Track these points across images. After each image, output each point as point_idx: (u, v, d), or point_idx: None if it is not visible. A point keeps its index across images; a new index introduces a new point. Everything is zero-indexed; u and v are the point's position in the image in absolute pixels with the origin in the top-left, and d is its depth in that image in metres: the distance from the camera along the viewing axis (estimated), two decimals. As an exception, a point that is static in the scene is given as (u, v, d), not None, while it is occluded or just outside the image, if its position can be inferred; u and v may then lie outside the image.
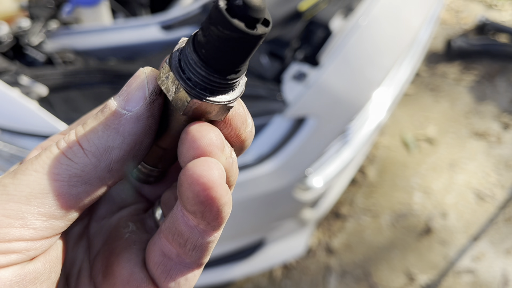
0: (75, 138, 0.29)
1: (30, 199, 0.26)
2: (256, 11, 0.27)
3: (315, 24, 1.46)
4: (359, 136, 1.78)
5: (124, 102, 0.29)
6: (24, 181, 0.26)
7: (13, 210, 0.26)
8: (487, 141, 2.89)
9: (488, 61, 3.33)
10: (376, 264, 2.36)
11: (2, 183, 0.27)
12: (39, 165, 0.27)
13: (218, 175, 0.28)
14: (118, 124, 0.28)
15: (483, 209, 2.58)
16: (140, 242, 0.36)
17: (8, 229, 0.25)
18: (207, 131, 0.30)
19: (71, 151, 0.28)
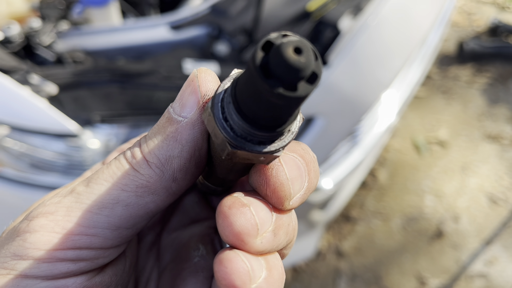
0: (139, 149, 0.29)
1: (101, 209, 0.27)
2: (298, 71, 0.22)
3: (323, 24, 1.46)
4: (369, 137, 1.76)
5: (180, 108, 0.29)
6: (96, 190, 0.27)
7: (85, 219, 0.26)
8: (500, 144, 2.85)
9: (501, 64, 3.29)
10: (386, 267, 2.33)
11: (77, 190, 0.27)
12: (109, 175, 0.28)
13: (241, 278, 0.28)
14: (176, 132, 0.28)
15: (496, 212, 2.53)
16: (207, 270, 0.36)
17: (79, 237, 0.26)
18: (238, 214, 0.28)
19: (136, 163, 0.28)
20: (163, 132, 0.29)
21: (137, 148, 0.29)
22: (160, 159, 0.28)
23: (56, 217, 0.26)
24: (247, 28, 1.36)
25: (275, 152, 0.28)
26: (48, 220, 0.26)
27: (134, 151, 0.29)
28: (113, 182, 0.28)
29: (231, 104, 0.27)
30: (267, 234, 0.29)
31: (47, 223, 0.26)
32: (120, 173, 0.28)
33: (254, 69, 0.23)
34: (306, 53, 0.23)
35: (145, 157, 0.28)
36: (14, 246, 0.25)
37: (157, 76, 1.15)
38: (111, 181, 0.27)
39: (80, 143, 1.06)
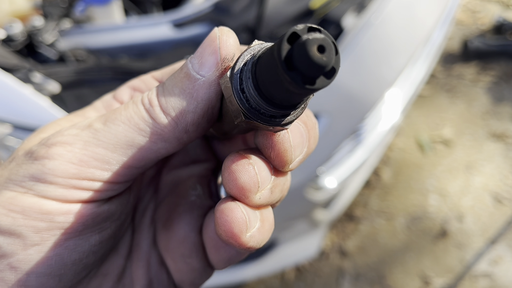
0: (157, 98, 0.30)
1: (117, 147, 0.29)
2: (320, 68, 0.24)
3: (327, 22, 1.45)
4: (373, 136, 1.75)
5: (198, 66, 0.30)
6: (113, 130, 0.29)
7: (101, 154, 0.28)
8: (504, 142, 2.83)
9: (506, 62, 3.27)
10: (390, 267, 2.32)
11: (94, 127, 0.29)
12: (127, 117, 0.30)
13: (239, 226, 0.31)
14: (193, 89, 0.30)
15: (500, 212, 2.52)
16: (202, 208, 0.40)
17: (94, 170, 0.29)
18: (243, 171, 0.31)
19: (153, 111, 0.30)
20: (180, 86, 0.30)
21: (154, 97, 0.31)
22: (176, 112, 0.30)
23: (74, 148, 0.28)
24: (250, 25, 1.35)
25: (285, 125, 0.30)
26: (66, 150, 0.28)
27: (151, 98, 0.30)
28: (130, 125, 0.29)
29: (250, 79, 0.28)
30: (265, 191, 0.32)
31: (65, 153, 0.28)
32: (137, 118, 0.30)
33: (279, 60, 0.24)
34: (328, 52, 0.24)
35: (162, 107, 0.30)
36: (33, 169, 0.28)
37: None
38: (128, 124, 0.29)
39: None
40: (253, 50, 0.29)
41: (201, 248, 0.39)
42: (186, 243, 0.38)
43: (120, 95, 0.37)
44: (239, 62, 0.29)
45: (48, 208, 0.28)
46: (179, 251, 0.38)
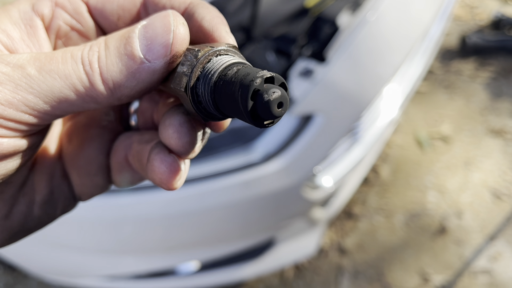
0: (98, 64, 0.30)
1: (48, 99, 0.29)
2: (278, 117, 0.29)
3: (322, 20, 1.44)
4: (370, 134, 1.75)
5: (146, 49, 0.30)
6: (49, 82, 0.28)
7: (32, 102, 0.28)
8: (503, 138, 2.82)
9: (504, 57, 3.25)
10: (389, 264, 2.32)
11: (27, 71, 0.28)
12: (64, 74, 0.29)
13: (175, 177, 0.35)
14: (135, 70, 0.30)
15: (499, 208, 2.51)
16: (113, 133, 0.43)
17: (22, 114, 0.28)
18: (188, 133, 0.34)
19: (93, 76, 0.29)
20: (124, 62, 0.30)
21: (95, 60, 0.30)
22: (115, 84, 0.30)
23: (4, 89, 0.27)
24: (244, 25, 1.34)
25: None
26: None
27: (92, 61, 0.30)
28: (66, 83, 0.29)
29: (210, 101, 0.31)
30: (199, 148, 0.36)
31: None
32: (75, 78, 0.29)
33: (245, 112, 0.28)
34: (285, 105, 0.29)
35: (102, 75, 0.30)
36: None
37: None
38: (64, 80, 0.29)
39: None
40: (212, 66, 0.31)
41: (107, 169, 0.42)
42: (94, 164, 0.41)
43: (41, 7, 0.34)
44: (197, 75, 0.31)
45: None
46: (85, 169, 0.41)
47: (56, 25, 0.35)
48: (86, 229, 1.29)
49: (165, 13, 0.31)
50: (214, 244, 1.62)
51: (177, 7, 0.35)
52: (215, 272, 1.81)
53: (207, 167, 1.27)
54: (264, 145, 1.30)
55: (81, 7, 0.35)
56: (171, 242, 1.49)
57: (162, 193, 1.21)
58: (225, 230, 1.54)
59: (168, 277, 1.73)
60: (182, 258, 1.65)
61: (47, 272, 1.68)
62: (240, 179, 1.28)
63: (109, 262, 1.55)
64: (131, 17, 0.36)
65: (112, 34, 0.31)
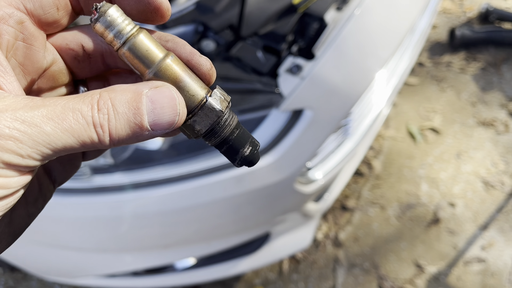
0: (108, 126, 0.33)
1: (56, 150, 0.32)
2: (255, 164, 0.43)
3: (309, 17, 1.47)
4: (360, 127, 1.78)
5: (153, 123, 0.34)
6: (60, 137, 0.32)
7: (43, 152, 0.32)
8: (494, 129, 2.86)
9: (494, 49, 3.29)
10: (384, 256, 2.35)
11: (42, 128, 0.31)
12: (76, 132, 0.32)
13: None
14: (140, 135, 0.34)
15: (492, 197, 2.55)
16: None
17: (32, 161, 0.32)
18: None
19: (103, 137, 0.33)
20: (131, 126, 0.34)
21: (106, 123, 0.33)
22: (119, 141, 0.34)
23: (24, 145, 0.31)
24: (233, 24, 1.37)
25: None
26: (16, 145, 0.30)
27: (103, 124, 0.33)
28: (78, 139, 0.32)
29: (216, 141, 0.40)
30: None
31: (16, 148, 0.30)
32: (86, 136, 0.33)
33: (237, 165, 0.42)
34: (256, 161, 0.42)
35: (111, 135, 0.34)
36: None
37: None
38: (76, 137, 0.32)
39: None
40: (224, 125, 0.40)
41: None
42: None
43: None
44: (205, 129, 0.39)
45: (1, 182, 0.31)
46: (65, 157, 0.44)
47: (5, 42, 0.35)
48: (84, 229, 1.31)
49: (171, 96, 0.36)
50: (211, 240, 1.65)
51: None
52: (212, 267, 1.83)
53: (200, 164, 1.29)
54: (255, 140, 1.33)
55: (22, 16, 0.36)
56: (168, 239, 1.51)
57: (157, 190, 1.24)
58: (221, 226, 1.56)
59: (166, 273, 1.76)
60: (180, 254, 1.68)
61: (47, 272, 1.71)
62: (233, 174, 1.30)
63: (107, 261, 1.57)
64: (65, 3, 0.37)
65: (117, 95, 0.34)
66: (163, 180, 1.24)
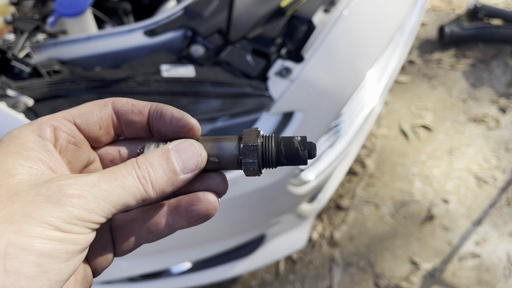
0: (150, 179, 0.42)
1: (116, 205, 0.40)
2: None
3: (298, 19, 1.47)
4: (352, 127, 1.79)
5: (183, 167, 0.43)
6: (115, 192, 0.40)
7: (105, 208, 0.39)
8: (485, 125, 2.88)
9: (484, 45, 3.32)
10: (380, 254, 2.37)
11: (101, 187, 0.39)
12: (127, 186, 0.40)
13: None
14: (175, 180, 0.43)
15: (485, 193, 2.57)
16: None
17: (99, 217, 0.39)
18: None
19: (147, 188, 0.41)
20: (168, 176, 0.42)
21: (147, 174, 0.42)
22: (161, 190, 0.42)
23: (88, 202, 0.38)
24: (221, 28, 1.37)
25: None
26: (83, 202, 0.38)
27: (145, 175, 0.41)
28: (128, 192, 0.40)
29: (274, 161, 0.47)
30: None
31: (83, 204, 0.38)
32: (135, 189, 0.40)
33: (306, 163, 0.46)
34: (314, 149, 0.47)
35: (153, 187, 0.42)
36: (59, 211, 0.37)
37: (134, 81, 1.17)
38: (127, 190, 0.40)
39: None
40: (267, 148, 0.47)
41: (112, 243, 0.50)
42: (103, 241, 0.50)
43: (45, 134, 0.44)
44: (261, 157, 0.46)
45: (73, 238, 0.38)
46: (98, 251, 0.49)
47: (60, 144, 0.45)
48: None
49: (191, 142, 0.45)
50: (206, 244, 1.65)
51: (143, 111, 0.47)
52: (208, 270, 1.84)
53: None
54: (247, 144, 1.34)
55: (72, 126, 0.46)
56: (164, 244, 1.51)
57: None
58: (216, 229, 1.57)
59: (162, 278, 1.76)
60: (176, 259, 1.68)
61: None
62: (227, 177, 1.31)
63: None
64: (107, 125, 0.48)
65: (149, 155, 0.44)
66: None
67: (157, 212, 0.47)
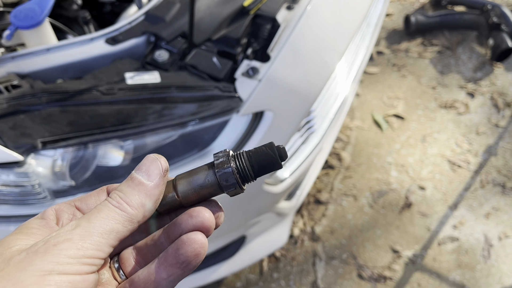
0: (123, 201, 0.45)
1: (103, 235, 0.43)
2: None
3: (262, 18, 1.47)
4: (324, 121, 1.79)
5: (147, 176, 0.46)
6: (97, 225, 0.43)
7: (95, 241, 0.42)
8: (456, 111, 2.94)
9: (448, 33, 3.38)
10: (361, 245, 2.39)
11: (82, 225, 0.43)
12: (106, 215, 0.44)
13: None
14: (146, 190, 0.46)
15: (459, 177, 2.63)
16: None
17: (93, 251, 0.42)
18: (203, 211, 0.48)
19: (123, 207, 0.45)
20: (138, 189, 0.46)
21: (120, 200, 0.45)
22: (138, 205, 0.45)
23: (76, 242, 0.41)
24: (185, 31, 1.36)
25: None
26: (72, 243, 0.41)
27: (119, 201, 0.45)
28: (109, 219, 0.43)
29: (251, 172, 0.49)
30: None
31: (70, 244, 0.41)
32: (113, 214, 0.44)
33: (281, 167, 0.48)
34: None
35: (128, 204, 0.45)
36: (55, 256, 0.40)
37: (98, 91, 1.14)
38: (107, 218, 0.43)
39: (25, 171, 1.04)
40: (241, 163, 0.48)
41: None
42: None
43: (47, 215, 0.48)
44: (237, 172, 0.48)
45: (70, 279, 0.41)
46: None
47: (61, 222, 0.49)
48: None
49: (146, 157, 0.48)
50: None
51: None
52: (191, 276, 1.82)
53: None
54: (219, 147, 1.33)
55: (73, 208, 0.51)
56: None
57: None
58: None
59: None
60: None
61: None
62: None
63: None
64: None
65: (117, 185, 0.48)
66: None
67: (151, 271, 0.48)
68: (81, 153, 1.14)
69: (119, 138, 1.16)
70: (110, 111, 1.12)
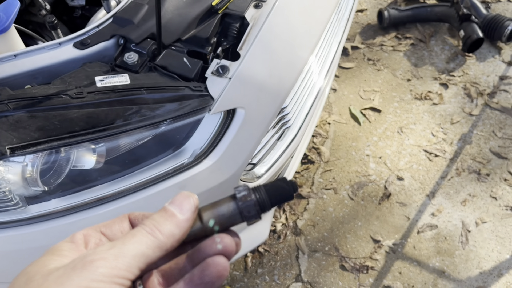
0: (156, 228, 0.49)
1: (135, 257, 0.46)
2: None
3: (230, 17, 1.48)
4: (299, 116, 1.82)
5: (179, 209, 0.51)
6: (131, 248, 0.47)
7: (127, 262, 0.46)
8: (430, 102, 3.00)
9: (421, 25, 3.44)
10: (343, 236, 2.43)
11: (117, 246, 0.47)
12: (138, 239, 0.48)
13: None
14: (177, 222, 0.50)
15: (436, 166, 2.68)
16: None
17: (124, 272, 0.45)
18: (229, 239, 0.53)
19: (156, 234, 0.49)
20: (170, 220, 0.50)
21: (155, 229, 0.49)
22: (168, 234, 0.49)
23: (110, 261, 0.45)
24: (153, 33, 1.36)
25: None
26: (105, 262, 0.45)
27: (153, 230, 0.49)
28: (142, 245, 0.47)
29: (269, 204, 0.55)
30: None
31: (105, 263, 0.44)
32: (146, 240, 0.48)
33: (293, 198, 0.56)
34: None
35: (161, 233, 0.49)
36: (90, 273, 0.43)
37: (67, 95, 1.15)
38: (140, 242, 0.48)
39: (-6, 178, 1.04)
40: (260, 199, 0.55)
41: None
42: None
43: (76, 239, 0.52)
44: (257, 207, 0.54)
45: None
46: None
47: (89, 247, 0.52)
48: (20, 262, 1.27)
49: (179, 193, 0.53)
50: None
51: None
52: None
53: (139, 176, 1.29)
54: (192, 146, 1.34)
55: (99, 233, 0.54)
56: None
57: (97, 209, 1.22)
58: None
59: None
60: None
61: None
62: (173, 182, 1.31)
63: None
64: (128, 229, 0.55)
65: (151, 215, 0.52)
66: (103, 198, 1.23)
67: None
68: (53, 158, 1.14)
69: (91, 141, 1.16)
70: (80, 114, 1.13)
